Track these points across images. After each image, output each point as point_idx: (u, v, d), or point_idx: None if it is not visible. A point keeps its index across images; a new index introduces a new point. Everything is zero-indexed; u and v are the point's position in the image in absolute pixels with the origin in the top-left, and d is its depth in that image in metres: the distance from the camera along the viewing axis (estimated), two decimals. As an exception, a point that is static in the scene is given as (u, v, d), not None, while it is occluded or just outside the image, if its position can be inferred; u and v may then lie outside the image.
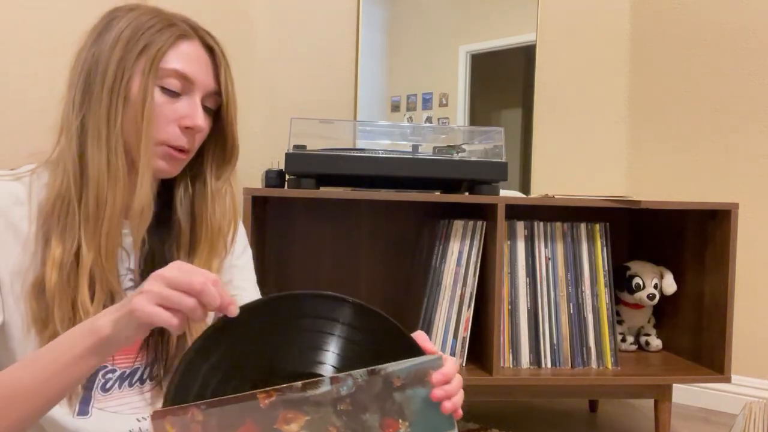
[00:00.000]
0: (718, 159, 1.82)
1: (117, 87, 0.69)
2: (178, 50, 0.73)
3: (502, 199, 1.30)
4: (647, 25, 1.95)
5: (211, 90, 0.76)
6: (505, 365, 1.37)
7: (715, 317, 1.39)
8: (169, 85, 0.72)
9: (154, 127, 0.71)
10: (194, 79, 0.73)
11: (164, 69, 0.71)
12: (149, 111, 0.70)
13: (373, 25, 1.87)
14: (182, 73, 0.72)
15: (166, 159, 0.74)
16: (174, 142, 0.73)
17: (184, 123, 0.73)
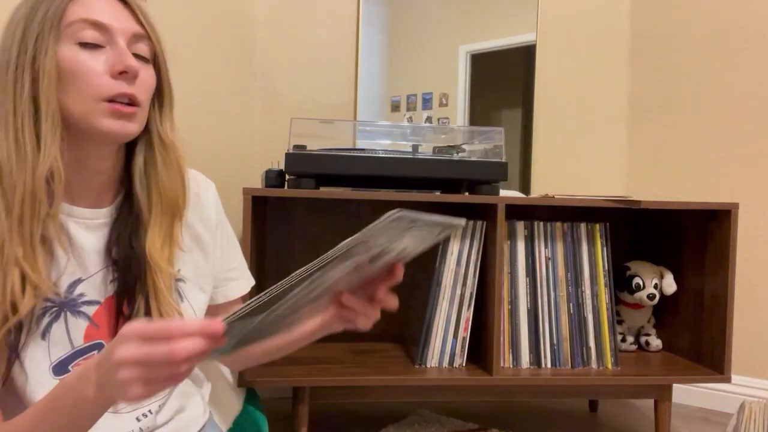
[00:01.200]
0: (718, 159, 1.82)
1: (21, 63, 0.66)
2: (80, 1, 0.68)
3: (502, 199, 1.30)
4: (647, 25, 1.95)
5: (136, 32, 0.71)
6: (505, 365, 1.37)
7: (715, 317, 1.39)
8: (84, 37, 0.67)
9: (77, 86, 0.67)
10: (109, 25, 0.68)
11: (70, 23, 0.67)
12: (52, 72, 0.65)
13: (373, 25, 1.87)
14: (93, 21, 0.68)
15: (113, 116, 0.69)
16: (112, 91, 0.68)
17: (115, 69, 0.68)
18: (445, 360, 1.36)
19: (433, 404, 1.70)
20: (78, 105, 0.68)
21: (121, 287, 0.75)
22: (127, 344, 0.52)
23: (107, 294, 0.75)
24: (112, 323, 0.75)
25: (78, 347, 0.72)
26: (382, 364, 1.36)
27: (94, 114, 0.68)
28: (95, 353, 0.73)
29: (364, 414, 1.65)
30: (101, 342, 0.74)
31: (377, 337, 1.59)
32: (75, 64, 0.67)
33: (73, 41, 0.67)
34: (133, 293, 0.75)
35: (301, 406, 1.29)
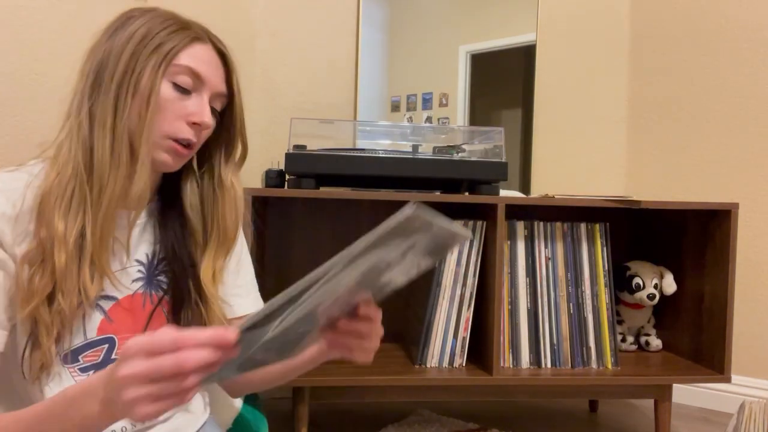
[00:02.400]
0: (718, 159, 1.82)
1: (126, 80, 0.72)
2: (192, 50, 0.76)
3: (502, 199, 1.30)
4: (647, 25, 1.95)
5: (220, 91, 0.79)
6: (505, 365, 1.37)
7: (715, 317, 1.39)
8: (180, 81, 0.75)
9: (160, 119, 0.74)
10: (205, 79, 0.76)
11: (177, 66, 0.74)
12: (155, 103, 0.73)
13: (373, 25, 1.87)
14: (195, 71, 0.75)
15: (170, 153, 0.76)
16: (179, 135, 0.75)
17: (191, 119, 0.76)
18: (445, 360, 1.36)
19: (433, 404, 1.70)
20: (150, 134, 0.74)
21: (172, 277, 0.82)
22: (131, 361, 0.51)
23: (128, 292, 0.79)
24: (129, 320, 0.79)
25: (90, 339, 0.75)
26: (382, 364, 1.36)
27: (157, 146, 0.75)
28: (105, 346, 0.76)
29: (364, 414, 1.65)
30: (112, 336, 0.77)
31: (377, 337, 1.59)
32: (165, 102, 0.74)
33: (171, 80, 0.74)
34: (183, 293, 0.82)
35: (301, 406, 1.29)
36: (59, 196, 0.70)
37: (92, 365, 0.75)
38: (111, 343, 0.77)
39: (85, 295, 0.71)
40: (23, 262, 0.68)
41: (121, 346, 0.77)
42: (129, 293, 0.79)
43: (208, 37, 0.80)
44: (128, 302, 0.79)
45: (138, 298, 0.80)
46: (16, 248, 0.69)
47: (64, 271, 0.69)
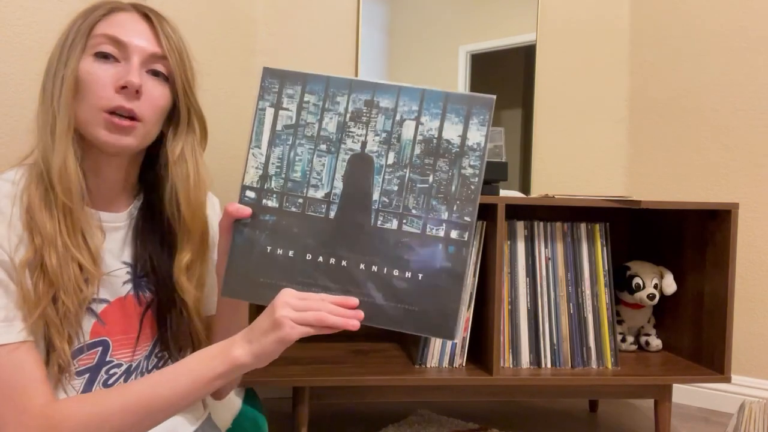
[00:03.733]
0: (718, 159, 1.82)
1: (57, 74, 0.72)
2: (110, 19, 0.74)
3: (502, 199, 1.30)
4: (647, 25, 1.95)
5: (152, 52, 0.74)
6: (505, 365, 1.37)
7: (715, 317, 1.39)
8: (101, 49, 0.72)
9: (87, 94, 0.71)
10: (127, 42, 0.73)
11: (94, 36, 0.73)
12: (72, 78, 0.71)
13: (373, 25, 1.87)
14: (111, 36, 0.72)
15: (108, 128, 0.72)
16: (112, 103, 0.71)
17: (118, 84, 0.71)
18: (445, 360, 1.36)
19: (433, 404, 1.70)
20: (83, 113, 0.72)
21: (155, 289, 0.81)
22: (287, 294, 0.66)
23: (119, 294, 0.78)
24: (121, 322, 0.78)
25: (84, 342, 0.74)
26: (382, 364, 1.36)
27: (93, 124, 0.72)
28: (100, 349, 0.76)
29: (364, 414, 1.65)
30: (106, 339, 0.76)
31: (377, 337, 1.59)
32: (87, 75, 0.72)
33: (92, 53, 0.72)
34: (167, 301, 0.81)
35: (301, 406, 1.29)
36: (40, 202, 0.70)
37: (87, 368, 0.75)
38: (105, 345, 0.76)
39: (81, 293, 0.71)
40: (23, 269, 0.68)
41: (115, 348, 0.77)
42: (120, 295, 0.78)
43: (132, 5, 0.77)
44: (120, 304, 0.78)
45: (130, 299, 0.79)
46: (13, 254, 0.68)
47: (58, 271, 0.69)
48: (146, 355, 0.82)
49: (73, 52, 0.71)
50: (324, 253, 0.68)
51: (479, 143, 0.69)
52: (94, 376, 0.75)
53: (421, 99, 0.68)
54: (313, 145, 0.69)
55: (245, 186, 0.70)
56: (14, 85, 1.24)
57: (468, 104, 0.70)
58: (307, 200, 0.69)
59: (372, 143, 0.68)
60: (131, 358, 0.79)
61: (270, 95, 0.69)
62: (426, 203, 0.68)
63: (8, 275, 0.68)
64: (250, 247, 0.70)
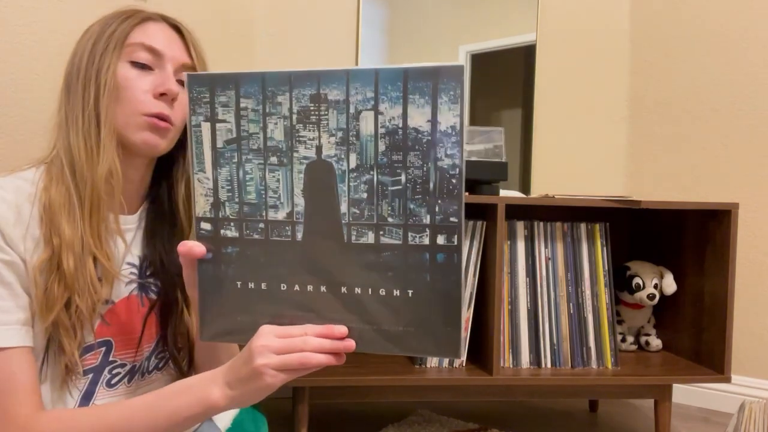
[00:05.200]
0: (718, 159, 1.82)
1: (89, 75, 0.74)
2: (143, 28, 0.77)
3: (502, 199, 1.30)
4: (647, 25, 1.95)
5: (183, 62, 0.79)
6: (505, 365, 1.37)
7: (715, 317, 1.39)
8: (137, 58, 0.76)
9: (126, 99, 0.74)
10: (162, 51, 0.76)
11: (130, 44, 0.75)
12: (112, 85, 0.73)
13: (373, 25, 1.87)
14: (148, 46, 0.76)
15: (150, 129, 0.75)
16: (152, 109, 0.75)
17: (157, 90, 0.75)
18: (445, 360, 1.36)
19: (433, 404, 1.70)
20: (121, 116, 0.75)
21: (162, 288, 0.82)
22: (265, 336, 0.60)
23: (122, 295, 0.79)
24: (125, 323, 0.79)
25: (88, 342, 0.75)
26: (382, 364, 1.36)
27: (132, 126, 0.75)
28: (103, 349, 0.77)
29: (364, 414, 1.65)
30: (110, 339, 0.77)
31: (377, 337, 1.59)
32: (125, 81, 0.75)
33: (128, 59, 0.75)
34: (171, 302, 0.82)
35: (301, 406, 1.29)
36: (61, 203, 0.71)
37: (91, 368, 0.75)
38: (108, 346, 0.77)
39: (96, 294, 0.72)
40: (38, 272, 0.68)
41: (118, 348, 0.78)
42: (124, 296, 0.79)
43: (161, 17, 0.80)
44: (124, 305, 0.79)
45: (134, 300, 0.80)
46: (27, 256, 0.69)
47: (74, 274, 0.69)
48: (148, 355, 0.83)
49: (107, 57, 0.74)
50: (299, 281, 0.61)
51: (454, 126, 0.56)
52: (97, 376, 0.76)
53: (376, 82, 0.57)
54: (261, 159, 0.60)
55: (198, 218, 0.62)
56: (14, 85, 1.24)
57: (433, 79, 0.55)
58: (269, 224, 0.61)
59: (328, 146, 0.58)
60: (134, 358, 0.80)
61: (201, 107, 0.60)
62: (402, 208, 0.58)
63: (18, 278, 0.68)
64: (218, 286, 0.63)
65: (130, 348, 0.80)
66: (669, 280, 1.50)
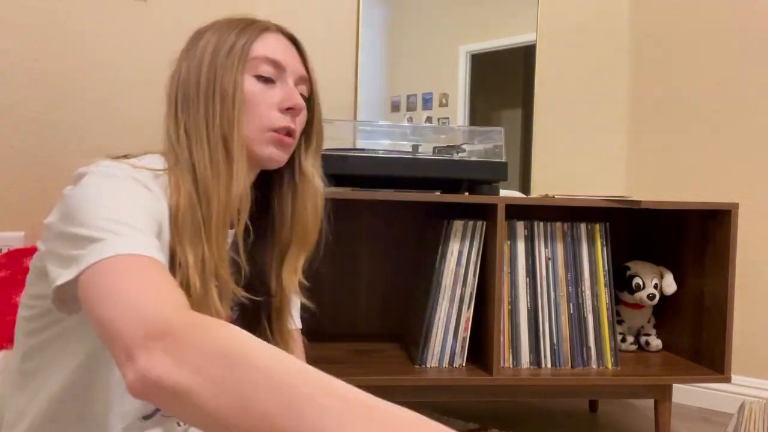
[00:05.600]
0: (718, 159, 1.82)
1: (211, 88, 0.72)
2: (263, 40, 0.76)
3: (502, 199, 1.30)
4: (647, 25, 1.95)
5: (301, 75, 0.79)
6: (505, 365, 1.37)
7: (715, 317, 1.39)
8: (261, 72, 0.75)
9: (253, 114, 0.73)
10: (284, 64, 0.76)
11: (254, 58, 0.74)
12: (239, 100, 0.72)
13: (373, 25, 1.87)
14: (272, 59, 0.75)
15: (275, 144, 0.75)
16: (278, 123, 0.74)
17: (284, 105, 0.75)
18: (445, 360, 1.36)
19: (433, 404, 1.70)
20: (247, 131, 0.73)
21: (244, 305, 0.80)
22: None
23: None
24: None
25: None
26: (382, 364, 1.36)
27: (259, 141, 0.74)
28: None
29: (364, 414, 1.65)
30: None
31: (377, 337, 1.59)
32: (252, 95, 0.73)
33: (252, 73, 0.74)
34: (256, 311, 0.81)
35: (301, 406, 1.29)
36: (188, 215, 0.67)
37: None
38: None
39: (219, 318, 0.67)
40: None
41: None
42: None
43: (277, 27, 0.81)
44: None
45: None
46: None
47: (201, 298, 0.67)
48: None
49: (232, 71, 0.72)
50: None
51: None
52: None
53: None
54: None
55: None
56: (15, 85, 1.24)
57: None
58: None
59: None
60: None
61: None
62: None
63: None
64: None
65: None
66: (669, 280, 1.50)
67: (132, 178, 0.63)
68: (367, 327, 1.66)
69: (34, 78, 1.26)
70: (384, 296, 1.68)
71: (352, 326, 1.67)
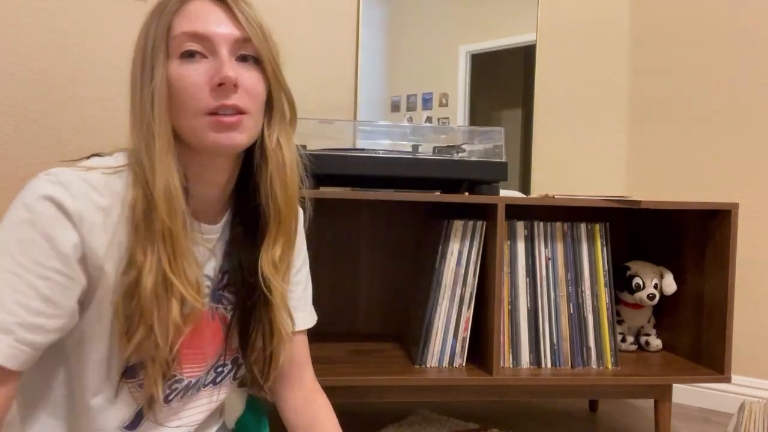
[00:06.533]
0: (718, 159, 1.82)
1: (138, 81, 0.67)
2: (184, 13, 0.67)
3: (502, 199, 1.30)
4: (647, 25, 1.95)
5: (236, 37, 0.68)
6: (505, 365, 1.37)
7: (715, 317, 1.39)
8: (185, 49, 0.66)
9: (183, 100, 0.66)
10: (209, 34, 0.66)
11: (174, 37, 0.66)
12: (161, 87, 0.65)
13: (373, 25, 1.87)
14: (192, 32, 0.66)
15: (215, 129, 0.66)
16: (211, 104, 0.65)
17: (213, 82, 0.65)
18: (445, 360, 1.36)
19: (433, 404, 1.70)
20: (185, 121, 0.66)
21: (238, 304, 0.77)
22: None
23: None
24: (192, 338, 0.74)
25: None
26: (382, 364, 1.36)
27: (198, 129, 0.66)
28: None
29: (363, 414, 1.65)
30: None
31: (377, 337, 1.59)
32: (178, 80, 0.66)
33: (177, 54, 0.66)
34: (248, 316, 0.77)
35: (301, 406, 1.29)
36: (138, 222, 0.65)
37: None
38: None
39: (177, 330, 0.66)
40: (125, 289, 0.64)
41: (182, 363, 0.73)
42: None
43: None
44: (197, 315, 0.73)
45: (204, 314, 0.75)
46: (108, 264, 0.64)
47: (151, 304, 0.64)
48: (207, 369, 0.78)
49: (156, 58, 0.66)
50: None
51: None
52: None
53: None
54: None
55: None
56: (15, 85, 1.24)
57: None
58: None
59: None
60: (191, 374, 0.76)
61: None
62: None
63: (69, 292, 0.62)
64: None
65: (194, 363, 0.75)
66: (669, 280, 1.50)
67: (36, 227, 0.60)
68: (367, 327, 1.66)
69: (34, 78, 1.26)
70: (384, 296, 1.68)
71: (351, 326, 1.67)
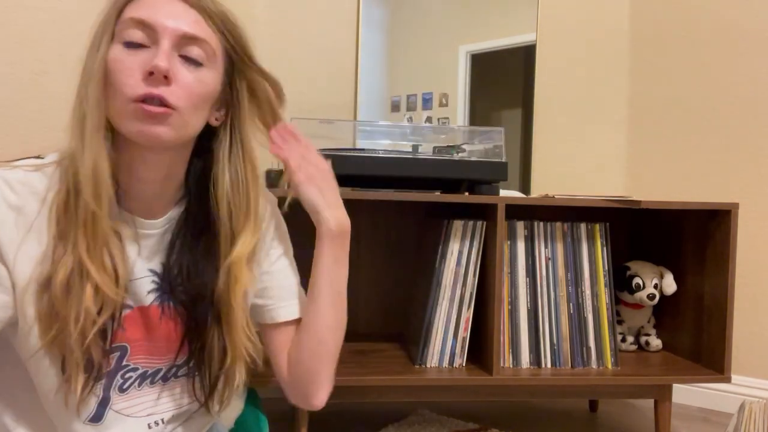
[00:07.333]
0: (718, 159, 1.82)
1: (89, 58, 0.67)
2: (138, 1, 0.67)
3: (502, 199, 1.30)
4: (647, 25, 1.95)
5: (185, 33, 0.67)
6: (505, 365, 1.37)
7: (715, 317, 1.39)
8: (128, 37, 0.65)
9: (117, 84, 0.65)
10: (154, 23, 0.65)
11: (121, 22, 0.66)
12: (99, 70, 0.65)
13: (373, 25, 1.87)
14: (138, 19, 0.65)
15: (139, 118, 0.65)
16: (139, 91, 0.64)
17: (144, 70, 0.64)
18: (445, 360, 1.36)
19: (433, 404, 1.70)
20: (113, 106, 0.66)
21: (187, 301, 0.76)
22: None
23: (142, 303, 0.75)
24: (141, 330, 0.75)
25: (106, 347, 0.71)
26: (382, 364, 1.36)
27: (124, 115, 0.65)
28: (117, 354, 0.73)
29: (364, 414, 1.65)
30: (125, 345, 0.74)
31: (377, 337, 1.59)
32: (113, 63, 0.65)
33: (122, 40, 0.66)
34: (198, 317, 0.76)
35: (301, 406, 1.29)
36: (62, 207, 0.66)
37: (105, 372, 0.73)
38: (123, 350, 0.74)
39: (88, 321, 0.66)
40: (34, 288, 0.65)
41: (132, 353, 0.74)
42: (144, 305, 0.75)
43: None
44: (141, 313, 0.75)
45: (154, 310, 0.75)
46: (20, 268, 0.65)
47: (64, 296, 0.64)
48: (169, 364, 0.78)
49: (101, 40, 0.65)
50: None
51: None
52: (110, 381, 0.73)
53: None
54: None
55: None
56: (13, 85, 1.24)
57: None
58: None
59: None
60: (148, 364, 0.76)
61: None
62: None
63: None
64: None
65: (145, 354, 0.76)
66: (669, 280, 1.50)
67: None
68: (367, 327, 1.66)
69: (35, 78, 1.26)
70: (384, 296, 1.68)
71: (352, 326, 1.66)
